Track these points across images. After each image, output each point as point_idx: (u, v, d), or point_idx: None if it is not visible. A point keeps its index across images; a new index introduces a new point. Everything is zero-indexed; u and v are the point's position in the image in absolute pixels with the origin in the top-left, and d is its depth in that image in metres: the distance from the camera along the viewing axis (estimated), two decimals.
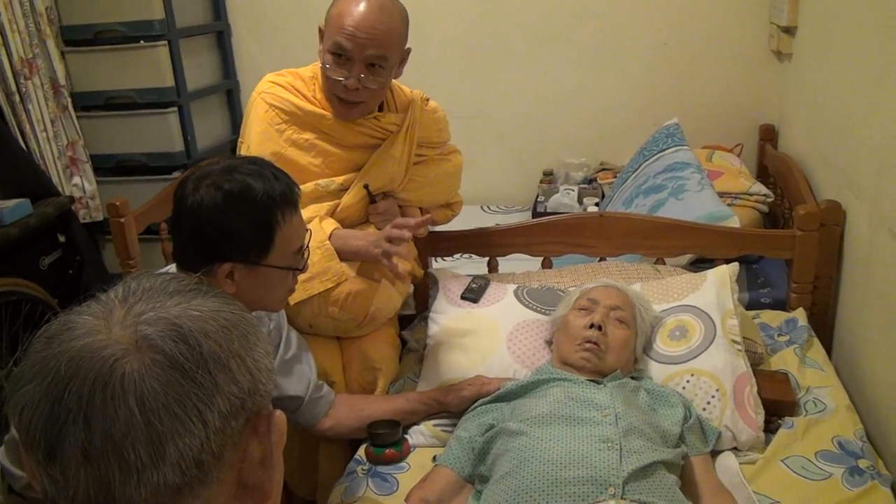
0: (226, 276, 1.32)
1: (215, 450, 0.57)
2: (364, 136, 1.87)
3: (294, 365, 1.62)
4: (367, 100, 1.78)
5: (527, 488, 1.34)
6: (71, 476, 0.54)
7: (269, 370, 0.63)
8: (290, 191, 1.37)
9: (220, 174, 1.32)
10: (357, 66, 1.72)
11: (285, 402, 1.60)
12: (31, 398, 0.55)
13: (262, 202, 1.31)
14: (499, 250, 2.25)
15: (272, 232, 1.33)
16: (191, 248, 1.34)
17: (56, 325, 0.58)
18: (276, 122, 1.83)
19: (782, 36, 2.79)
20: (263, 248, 1.33)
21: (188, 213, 1.31)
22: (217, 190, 1.30)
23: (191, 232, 1.32)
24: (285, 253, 1.37)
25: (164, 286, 0.61)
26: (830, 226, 2.02)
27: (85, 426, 0.53)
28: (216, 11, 3.37)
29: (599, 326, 1.62)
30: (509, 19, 3.18)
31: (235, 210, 1.30)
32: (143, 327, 0.57)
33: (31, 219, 2.59)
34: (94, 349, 0.55)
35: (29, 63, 2.84)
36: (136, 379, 0.54)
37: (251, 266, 1.33)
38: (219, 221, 1.29)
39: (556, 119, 3.27)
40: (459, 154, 2.08)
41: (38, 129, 2.88)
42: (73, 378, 0.54)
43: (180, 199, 1.33)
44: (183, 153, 3.11)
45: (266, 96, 1.84)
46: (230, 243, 1.31)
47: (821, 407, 1.68)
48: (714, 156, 2.88)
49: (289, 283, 1.42)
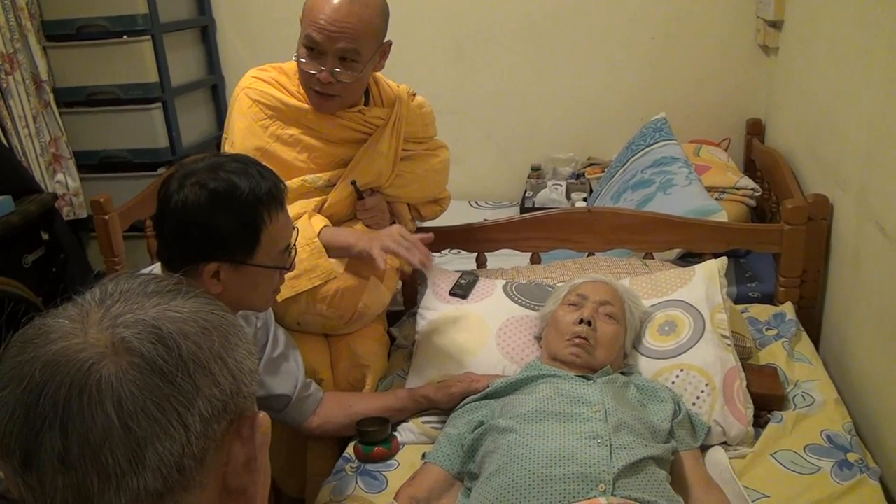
0: (211, 276, 1.31)
1: (197, 454, 0.55)
2: (349, 130, 1.86)
3: (281, 363, 1.60)
4: (341, 93, 1.76)
5: (517, 485, 1.33)
6: (48, 484, 0.52)
7: (251, 371, 0.61)
8: (277, 189, 1.35)
9: (206, 172, 1.30)
10: (329, 59, 1.70)
11: (272, 401, 1.58)
12: (6, 404, 0.54)
13: (247, 201, 1.29)
14: (487, 246, 2.25)
15: (258, 231, 1.31)
16: (176, 247, 1.32)
17: (32, 328, 0.57)
18: (260, 118, 1.81)
19: (769, 30, 2.79)
20: (249, 247, 1.32)
21: (173, 212, 1.29)
22: (202, 188, 1.28)
23: (175, 231, 1.30)
24: (272, 252, 1.35)
25: (143, 287, 0.59)
26: (818, 220, 2.02)
27: (61, 433, 0.52)
28: (200, 6, 3.34)
29: (589, 322, 1.62)
30: (496, 14, 3.17)
31: (221, 209, 1.28)
32: (120, 330, 0.55)
33: (14, 216, 2.56)
34: (70, 353, 0.54)
35: (10, 58, 2.80)
36: (114, 383, 0.53)
37: (237, 265, 1.32)
38: (204, 220, 1.27)
39: (543, 114, 3.27)
40: (446, 149, 2.07)
41: (20, 126, 2.84)
42: (49, 383, 0.53)
43: (164, 198, 1.31)
44: (168, 149, 3.09)
45: (249, 91, 1.82)
46: (215, 243, 1.29)
47: (809, 401, 1.69)
48: (701, 150, 2.88)
49: (275, 282, 1.41)
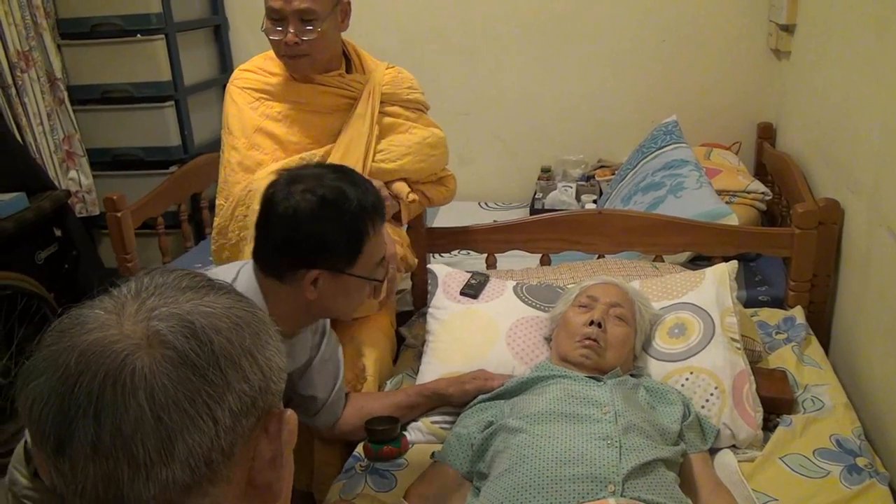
0: (311, 283, 1.34)
1: (225, 448, 0.56)
2: (332, 95, 1.94)
3: (330, 365, 1.64)
4: (309, 51, 1.85)
5: (526, 485, 1.33)
6: (79, 471, 0.54)
7: (280, 369, 0.62)
8: (380, 202, 1.39)
9: (313, 179, 1.34)
10: (291, 22, 1.81)
11: (313, 402, 1.62)
12: (42, 392, 0.55)
13: (354, 211, 1.33)
14: (497, 247, 2.25)
15: (362, 242, 1.35)
16: (281, 253, 1.35)
17: (68, 318, 0.58)
18: (249, 101, 1.94)
19: (781, 34, 2.79)
20: (352, 257, 1.36)
21: (281, 218, 1.32)
22: (312, 195, 1.31)
23: (283, 238, 1.33)
24: (369, 263, 1.39)
25: (177, 282, 0.61)
26: (829, 224, 2.02)
27: (95, 421, 0.53)
28: (213, 5, 3.36)
29: (599, 323, 1.62)
30: (508, 16, 3.17)
31: (330, 217, 1.32)
32: (154, 322, 0.56)
33: (28, 213, 2.58)
34: (105, 344, 0.55)
35: (25, 56, 2.82)
36: (147, 375, 0.54)
37: (336, 274, 1.35)
38: (313, 228, 1.31)
39: (554, 116, 3.27)
40: (441, 131, 2.08)
41: (35, 123, 2.86)
42: (84, 373, 0.54)
43: (270, 203, 1.34)
44: (180, 147, 3.11)
45: (237, 82, 1.97)
46: (321, 251, 1.33)
47: (819, 405, 1.68)
48: (712, 153, 2.88)
49: (365, 293, 1.44)
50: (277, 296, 1.38)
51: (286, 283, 1.37)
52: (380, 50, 2.17)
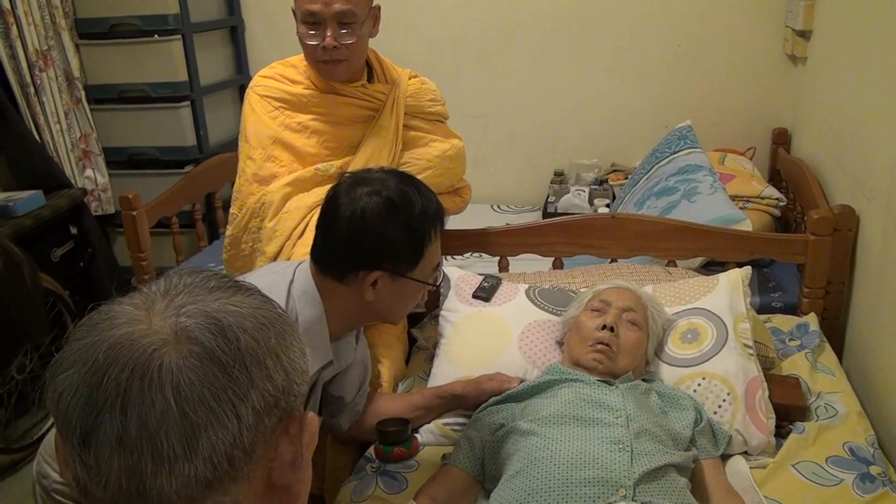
0: (370, 284, 1.35)
1: (247, 446, 0.57)
2: (353, 107, 1.92)
3: (360, 367, 1.65)
4: (347, 57, 1.83)
5: (537, 488, 1.33)
6: (104, 463, 0.54)
7: (303, 371, 0.63)
8: (441, 208, 1.41)
9: (378, 183, 1.35)
10: (330, 25, 1.78)
11: (336, 402, 1.63)
12: (70, 384, 0.56)
13: (418, 215, 1.35)
14: (509, 250, 2.25)
15: (423, 246, 1.37)
16: (344, 253, 1.36)
17: (97, 314, 0.59)
18: (268, 110, 1.91)
19: (797, 39, 2.78)
20: (413, 260, 1.37)
21: (346, 219, 1.33)
22: (378, 197, 1.33)
23: (347, 238, 1.34)
24: (427, 268, 1.40)
25: (205, 282, 0.62)
26: (843, 230, 2.01)
27: (121, 414, 0.54)
28: (230, 7, 3.38)
29: (612, 328, 1.62)
30: (522, 20, 3.18)
31: (395, 219, 1.33)
32: (183, 319, 0.57)
33: (45, 210, 2.61)
34: (134, 338, 0.56)
35: (44, 55, 2.85)
36: (174, 370, 0.55)
37: (396, 277, 1.36)
38: (379, 230, 1.32)
39: (567, 120, 3.27)
40: (460, 140, 2.09)
41: (52, 122, 2.89)
42: (112, 366, 0.55)
43: (334, 204, 1.36)
44: (195, 147, 3.13)
45: (257, 89, 1.93)
46: (385, 252, 1.34)
47: (832, 412, 1.68)
48: (726, 159, 2.87)
49: (420, 297, 1.46)
50: (334, 296, 1.38)
51: (345, 283, 1.37)
52: (400, 54, 2.18)
